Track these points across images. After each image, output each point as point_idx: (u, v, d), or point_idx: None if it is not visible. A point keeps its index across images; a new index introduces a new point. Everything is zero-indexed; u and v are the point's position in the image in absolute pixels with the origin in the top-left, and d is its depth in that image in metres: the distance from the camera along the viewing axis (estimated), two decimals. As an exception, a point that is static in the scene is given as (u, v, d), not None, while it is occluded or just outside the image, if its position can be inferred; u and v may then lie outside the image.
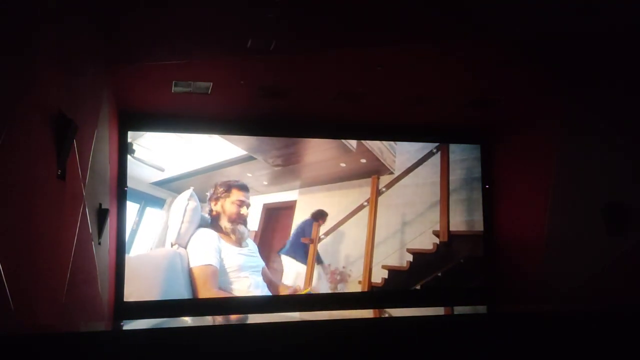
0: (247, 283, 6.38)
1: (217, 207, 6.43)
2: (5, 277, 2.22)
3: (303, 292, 6.70)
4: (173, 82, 5.27)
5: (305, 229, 6.87)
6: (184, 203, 6.28)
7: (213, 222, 6.39)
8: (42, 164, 2.89)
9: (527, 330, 2.98)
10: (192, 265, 6.18)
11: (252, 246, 6.56)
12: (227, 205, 6.42)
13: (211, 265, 6.21)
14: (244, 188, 6.54)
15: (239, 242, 6.41)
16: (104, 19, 3.93)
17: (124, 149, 6.15)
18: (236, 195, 6.47)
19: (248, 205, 6.51)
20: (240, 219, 6.44)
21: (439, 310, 4.05)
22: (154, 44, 4.57)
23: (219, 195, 6.46)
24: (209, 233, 6.32)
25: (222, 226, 6.39)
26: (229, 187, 6.48)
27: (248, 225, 6.53)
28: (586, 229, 5.43)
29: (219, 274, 6.25)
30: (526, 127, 6.59)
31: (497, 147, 7.23)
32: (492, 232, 7.22)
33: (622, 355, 3.03)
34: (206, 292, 6.16)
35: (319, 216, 6.94)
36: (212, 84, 5.35)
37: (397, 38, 4.58)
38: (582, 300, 5.28)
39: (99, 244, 4.56)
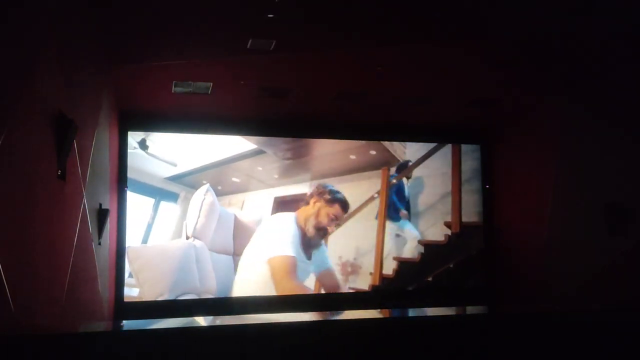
0: None
1: (313, 207, 6.53)
2: (5, 277, 2.22)
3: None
4: (173, 82, 5.26)
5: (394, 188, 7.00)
6: (201, 198, 6.37)
7: (299, 213, 6.52)
8: (42, 164, 2.89)
9: (527, 330, 2.98)
10: (270, 255, 6.26)
11: (319, 256, 6.55)
12: (323, 212, 6.51)
13: (292, 256, 6.29)
14: (345, 207, 6.61)
15: (307, 248, 6.44)
16: (104, 19, 3.93)
17: (124, 149, 6.15)
18: (336, 210, 6.56)
19: (337, 225, 6.60)
20: (322, 232, 6.51)
21: (441, 311, 4.05)
22: (154, 44, 4.57)
23: (322, 197, 6.56)
24: (290, 220, 6.41)
25: (307, 227, 6.45)
26: (335, 198, 6.56)
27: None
28: (586, 229, 5.42)
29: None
30: (526, 127, 6.58)
31: (497, 147, 7.21)
32: (492, 233, 7.21)
33: (622, 355, 3.03)
34: (287, 283, 6.25)
35: (402, 168, 6.99)
36: (212, 84, 5.35)
37: (397, 38, 4.58)
38: (582, 300, 5.27)
39: (99, 244, 4.56)
